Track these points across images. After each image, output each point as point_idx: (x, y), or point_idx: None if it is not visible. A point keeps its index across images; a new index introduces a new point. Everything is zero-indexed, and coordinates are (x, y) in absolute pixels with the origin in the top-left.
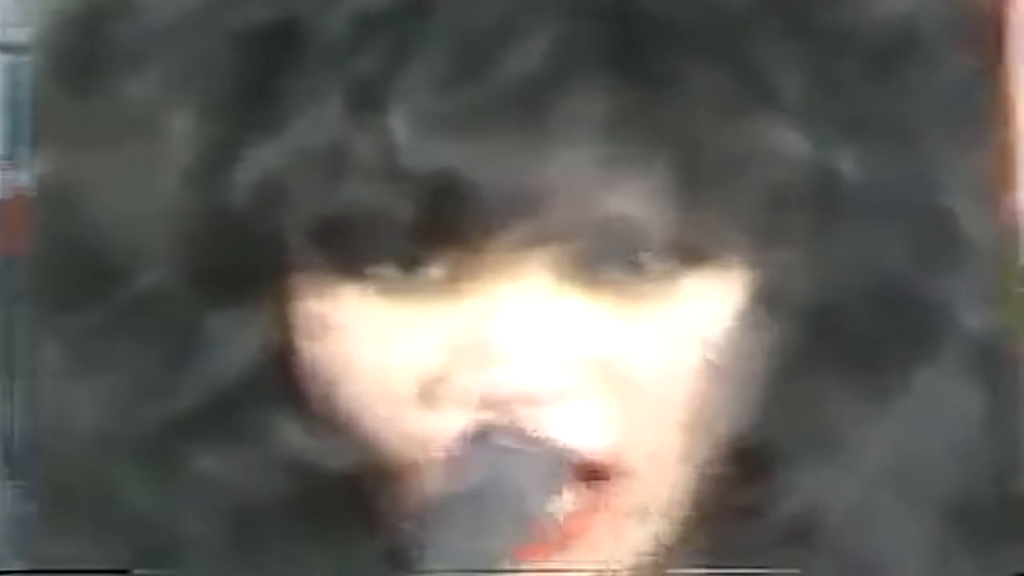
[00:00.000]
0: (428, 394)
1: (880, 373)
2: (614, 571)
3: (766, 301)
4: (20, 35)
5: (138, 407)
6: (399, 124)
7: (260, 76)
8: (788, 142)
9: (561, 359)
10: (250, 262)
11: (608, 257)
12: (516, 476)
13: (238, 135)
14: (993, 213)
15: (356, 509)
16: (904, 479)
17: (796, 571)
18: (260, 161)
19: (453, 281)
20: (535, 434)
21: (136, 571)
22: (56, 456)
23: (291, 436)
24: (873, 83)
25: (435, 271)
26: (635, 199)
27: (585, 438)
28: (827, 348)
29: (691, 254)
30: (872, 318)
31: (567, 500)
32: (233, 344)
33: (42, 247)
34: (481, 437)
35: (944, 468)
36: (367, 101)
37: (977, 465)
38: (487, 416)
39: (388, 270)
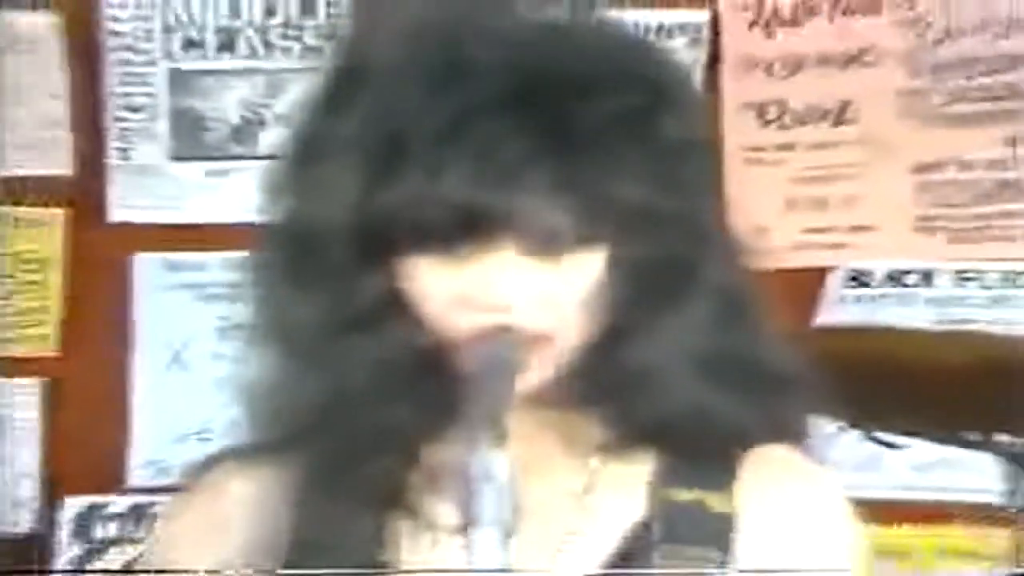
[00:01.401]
0: (458, 305)
1: (659, 301)
2: None
3: (612, 263)
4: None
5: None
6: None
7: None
8: (625, 192)
9: (522, 292)
10: (388, 241)
11: (543, 244)
12: (503, 346)
13: (382, 175)
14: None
15: (433, 366)
16: (684, 349)
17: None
18: (391, 195)
19: (469, 255)
20: (509, 324)
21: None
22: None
23: (407, 326)
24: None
25: (463, 251)
26: (556, 215)
27: (536, 323)
28: (633, 287)
29: (583, 242)
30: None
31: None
32: (375, 282)
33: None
34: (484, 330)
35: None
36: (425, 163)
37: None
38: (485, 316)
39: (441, 250)
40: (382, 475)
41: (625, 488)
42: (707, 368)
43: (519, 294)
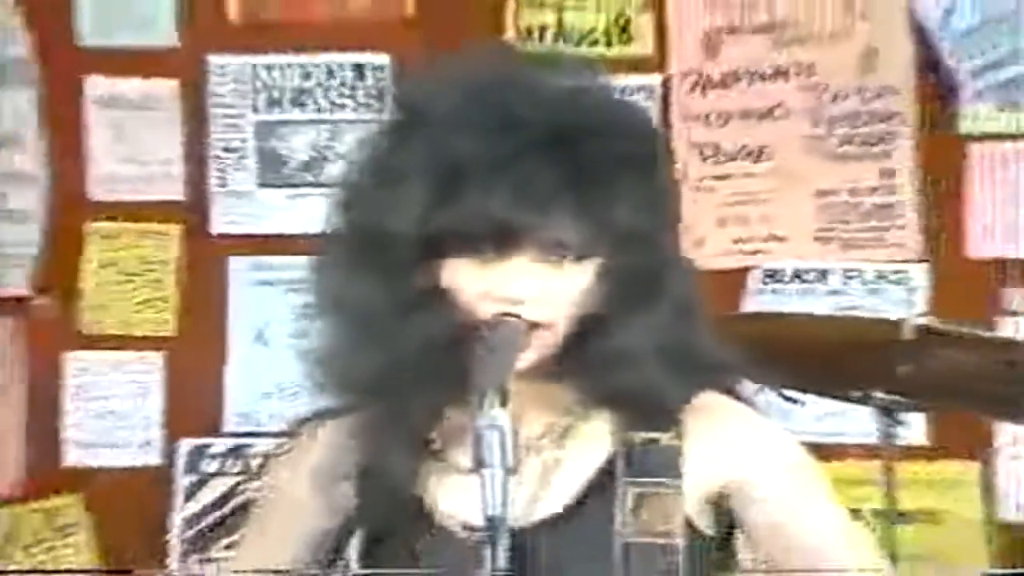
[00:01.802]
0: (482, 297)
1: (636, 303)
2: None
3: (601, 272)
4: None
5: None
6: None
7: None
8: (621, 219)
9: (531, 290)
10: (435, 247)
11: (547, 255)
12: (510, 329)
13: (440, 198)
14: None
15: (464, 344)
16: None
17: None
18: (446, 213)
19: (495, 259)
20: (518, 315)
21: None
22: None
23: (446, 313)
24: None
25: (489, 256)
26: (566, 233)
27: (539, 315)
28: (618, 288)
29: (582, 254)
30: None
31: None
32: (423, 278)
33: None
34: (497, 317)
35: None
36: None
37: None
38: (502, 307)
39: (470, 254)
40: (420, 427)
41: (593, 437)
42: (663, 353)
43: (530, 292)
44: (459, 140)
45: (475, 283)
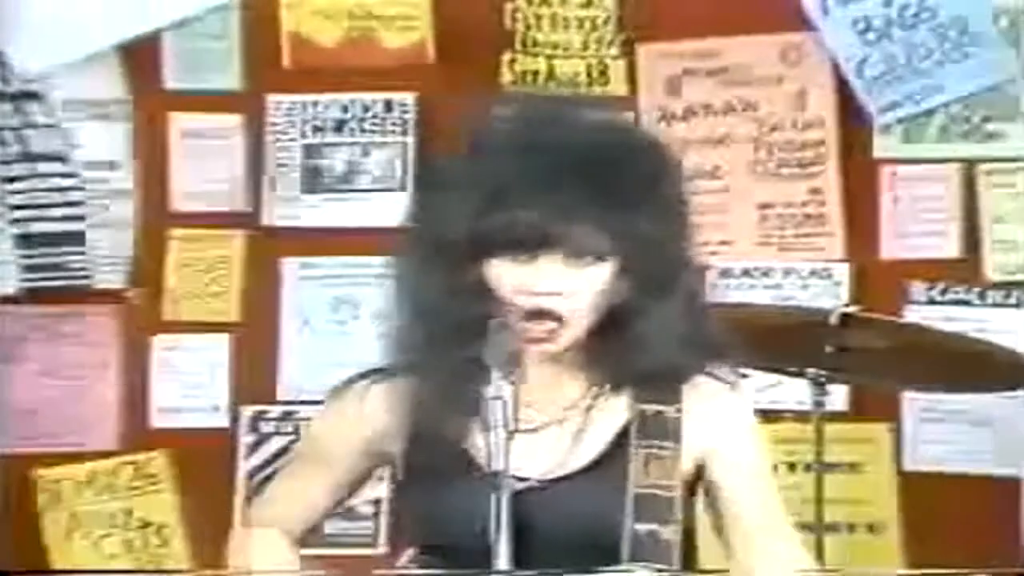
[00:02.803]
0: (517, 291)
1: (648, 296)
2: None
3: (617, 272)
4: None
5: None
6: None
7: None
8: (636, 227)
9: (561, 286)
10: (482, 248)
11: (573, 256)
12: (506, 327)
13: (487, 208)
14: None
15: (486, 323)
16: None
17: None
18: (491, 221)
19: (529, 259)
20: (550, 308)
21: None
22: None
23: (490, 302)
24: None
25: (522, 257)
26: (590, 239)
27: (566, 308)
28: (634, 285)
29: (601, 257)
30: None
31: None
32: (472, 273)
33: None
34: (505, 307)
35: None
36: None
37: None
38: (535, 300)
39: (510, 255)
40: (463, 392)
41: (612, 409)
42: (673, 339)
43: (556, 287)
44: (508, 163)
45: (513, 279)
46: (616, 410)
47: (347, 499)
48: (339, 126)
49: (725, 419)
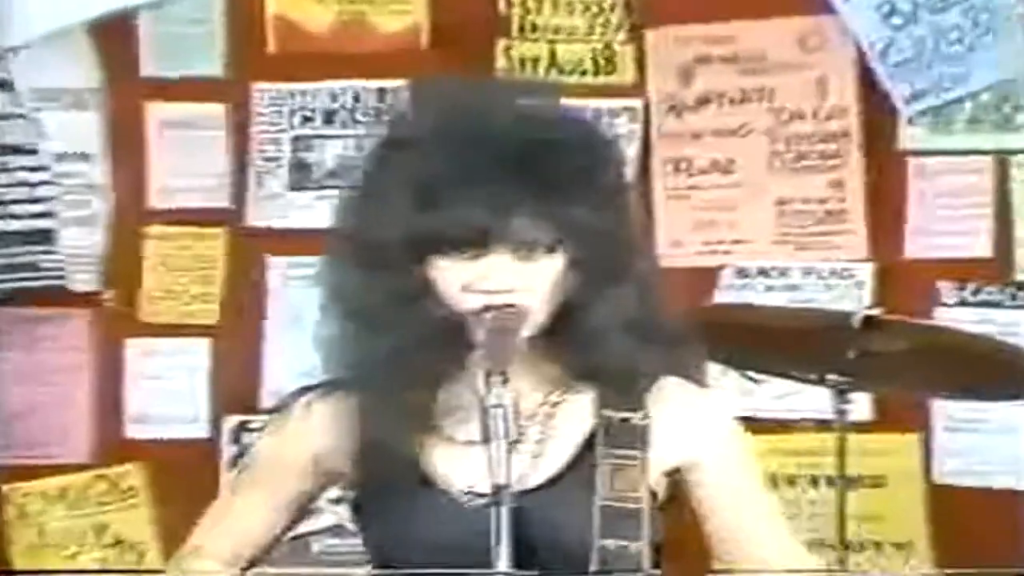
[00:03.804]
0: (464, 290)
1: (599, 286)
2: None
3: (569, 264)
4: None
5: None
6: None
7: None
8: (579, 217)
9: (512, 282)
10: (424, 247)
11: (523, 249)
12: (509, 317)
13: (422, 206)
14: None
15: (450, 331)
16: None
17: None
18: (427, 219)
19: (475, 257)
20: (512, 304)
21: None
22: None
23: (434, 304)
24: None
25: (470, 255)
26: (534, 232)
27: (521, 302)
28: (585, 277)
29: (550, 250)
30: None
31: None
32: (414, 274)
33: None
34: (494, 306)
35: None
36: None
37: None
38: (484, 298)
39: (457, 254)
40: (416, 403)
41: (576, 412)
42: (630, 330)
43: (504, 283)
44: (437, 157)
45: (457, 278)
46: (580, 417)
47: (298, 522)
48: (329, 117)
49: (701, 426)
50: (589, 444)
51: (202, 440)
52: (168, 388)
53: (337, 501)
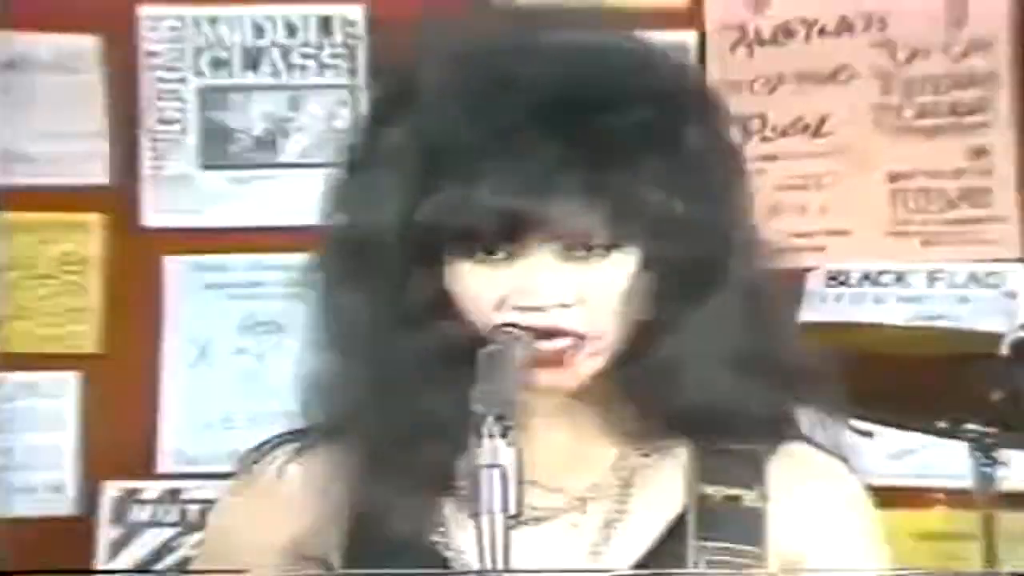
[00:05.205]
0: (498, 306)
1: (690, 298)
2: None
3: (643, 264)
4: None
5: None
6: (483, 190)
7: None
8: (652, 197)
9: (558, 293)
10: (435, 246)
11: (576, 246)
12: (510, 344)
13: (422, 186)
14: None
15: (470, 353)
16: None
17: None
18: (430, 204)
19: (506, 258)
20: (535, 326)
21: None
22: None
23: (453, 325)
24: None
25: (503, 254)
26: (587, 219)
27: (572, 323)
28: (664, 287)
29: (614, 245)
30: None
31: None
32: (424, 284)
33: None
34: (502, 328)
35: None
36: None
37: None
38: (524, 316)
39: (481, 255)
40: (429, 460)
41: (662, 483)
42: (732, 362)
43: (556, 295)
44: (448, 116)
45: (487, 289)
46: (668, 490)
47: None
48: (253, 60)
49: (831, 510)
50: (679, 529)
51: (70, 519)
52: (22, 445)
53: None
